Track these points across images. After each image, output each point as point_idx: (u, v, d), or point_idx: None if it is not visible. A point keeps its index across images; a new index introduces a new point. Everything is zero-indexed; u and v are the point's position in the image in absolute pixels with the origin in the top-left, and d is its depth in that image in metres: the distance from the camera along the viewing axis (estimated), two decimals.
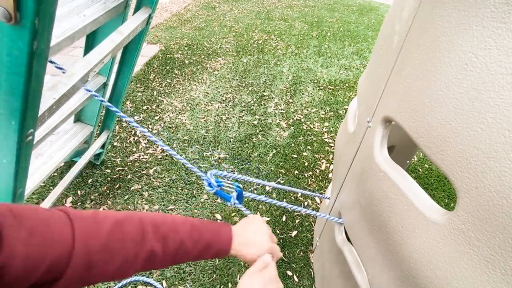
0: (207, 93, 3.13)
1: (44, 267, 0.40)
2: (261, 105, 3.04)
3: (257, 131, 2.70)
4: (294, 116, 2.93)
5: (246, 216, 0.74)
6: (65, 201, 1.93)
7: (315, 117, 2.94)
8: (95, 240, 0.45)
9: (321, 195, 1.53)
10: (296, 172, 2.34)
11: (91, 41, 1.40)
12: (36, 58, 0.62)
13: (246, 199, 2.08)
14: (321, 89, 3.39)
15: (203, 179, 0.79)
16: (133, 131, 2.55)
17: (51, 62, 1.07)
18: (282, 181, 2.25)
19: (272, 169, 2.34)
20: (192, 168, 0.89)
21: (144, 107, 2.84)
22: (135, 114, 2.74)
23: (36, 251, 0.39)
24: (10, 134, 0.75)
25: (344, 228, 1.22)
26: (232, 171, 2.28)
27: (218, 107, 2.95)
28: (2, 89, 0.65)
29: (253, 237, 0.64)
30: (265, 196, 0.99)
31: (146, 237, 0.51)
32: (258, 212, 2.00)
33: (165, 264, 0.55)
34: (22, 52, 0.58)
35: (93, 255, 0.45)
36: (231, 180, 0.79)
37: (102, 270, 0.46)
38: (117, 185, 2.07)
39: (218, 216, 1.95)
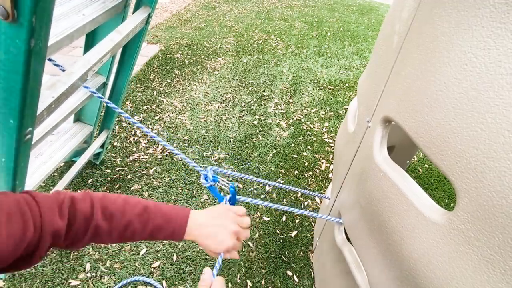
0: (207, 93, 3.13)
1: (25, 243, 0.46)
2: (261, 105, 3.04)
3: (257, 131, 2.70)
4: (294, 116, 2.93)
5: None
6: None
7: (315, 117, 2.94)
8: (56, 216, 0.52)
9: (321, 195, 1.53)
10: (296, 172, 2.34)
11: (91, 40, 1.40)
12: (34, 56, 0.61)
13: (245, 204, 2.08)
14: (321, 89, 3.39)
15: (200, 173, 0.80)
16: (133, 131, 2.55)
17: (50, 60, 1.07)
18: (282, 181, 2.25)
19: (272, 169, 2.34)
20: (190, 162, 0.90)
21: (144, 107, 2.84)
22: (135, 114, 2.74)
23: (16, 231, 0.45)
24: (9, 132, 0.75)
25: (344, 228, 1.22)
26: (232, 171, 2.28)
27: (218, 107, 2.95)
28: (0, 87, 0.64)
29: (215, 230, 0.64)
30: (261, 200, 0.99)
31: (93, 214, 0.57)
32: (258, 212, 2.00)
33: (114, 239, 0.60)
34: (19, 50, 0.58)
35: (55, 228, 0.51)
36: (230, 180, 0.79)
37: (62, 241, 0.54)
38: (117, 185, 2.07)
39: None
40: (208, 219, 0.65)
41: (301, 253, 1.82)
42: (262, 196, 2.12)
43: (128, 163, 2.25)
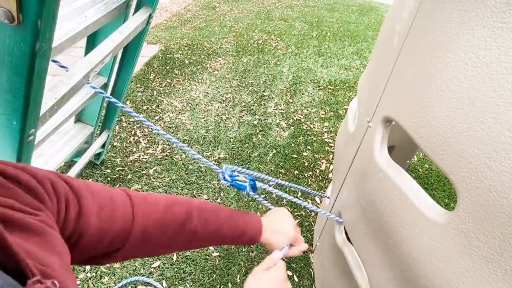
0: (207, 93, 3.13)
1: (109, 238, 0.46)
2: (261, 105, 3.04)
3: (257, 131, 2.70)
4: (294, 116, 2.93)
5: (269, 209, 0.78)
6: None
7: (315, 117, 2.94)
8: (150, 218, 0.51)
9: (321, 195, 1.53)
10: (296, 172, 2.34)
11: (92, 41, 1.40)
12: (38, 59, 0.62)
13: (246, 204, 2.08)
14: (321, 89, 3.39)
15: (218, 173, 0.82)
16: (133, 131, 2.55)
17: (54, 61, 1.07)
18: (273, 187, 2.25)
19: (272, 169, 2.34)
20: (207, 162, 0.91)
21: (144, 107, 2.84)
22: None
23: (104, 223, 0.45)
24: (12, 134, 0.76)
25: (344, 228, 1.22)
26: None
27: (218, 107, 2.95)
28: (4, 90, 0.65)
29: (279, 226, 0.69)
30: (273, 187, 1.02)
31: (191, 218, 0.56)
32: (258, 212, 2.00)
33: (204, 243, 0.61)
34: (24, 53, 0.58)
35: (147, 231, 0.50)
36: (245, 174, 0.81)
37: (153, 244, 0.52)
38: (117, 185, 2.07)
39: None
40: (270, 217, 0.70)
41: (301, 253, 1.82)
42: (262, 196, 2.12)
43: (128, 163, 2.25)
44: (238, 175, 0.80)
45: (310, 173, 2.35)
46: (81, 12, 0.97)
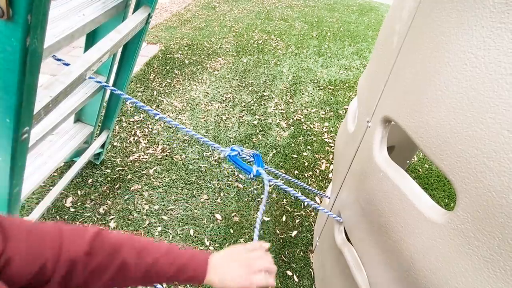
0: (207, 93, 3.13)
1: (38, 265, 0.45)
2: (261, 105, 3.04)
3: (257, 131, 2.70)
4: (294, 116, 2.93)
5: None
6: (65, 201, 1.93)
7: (315, 117, 2.94)
8: (78, 248, 0.50)
9: (322, 194, 1.53)
10: (296, 172, 2.34)
11: (91, 40, 1.40)
12: (30, 55, 0.61)
13: (246, 204, 2.08)
14: (321, 89, 3.39)
15: (221, 151, 0.83)
16: (133, 131, 2.55)
17: (54, 56, 1.07)
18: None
19: (272, 169, 2.34)
20: (210, 143, 0.92)
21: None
22: (135, 114, 2.74)
23: (33, 249, 0.45)
24: (5, 132, 0.75)
25: (344, 228, 1.22)
26: (232, 171, 2.28)
27: (218, 107, 2.95)
28: None
29: (231, 271, 0.62)
30: (279, 180, 1.04)
31: (121, 249, 0.54)
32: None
33: (137, 279, 0.56)
34: (15, 48, 0.57)
35: (75, 261, 0.49)
36: (248, 156, 0.82)
37: (80, 275, 0.50)
38: (117, 185, 2.07)
39: (218, 216, 1.95)
40: (222, 258, 0.64)
41: (301, 253, 1.82)
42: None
43: (128, 163, 2.25)
44: (241, 152, 0.81)
45: (310, 173, 2.34)
46: (78, 11, 0.96)
